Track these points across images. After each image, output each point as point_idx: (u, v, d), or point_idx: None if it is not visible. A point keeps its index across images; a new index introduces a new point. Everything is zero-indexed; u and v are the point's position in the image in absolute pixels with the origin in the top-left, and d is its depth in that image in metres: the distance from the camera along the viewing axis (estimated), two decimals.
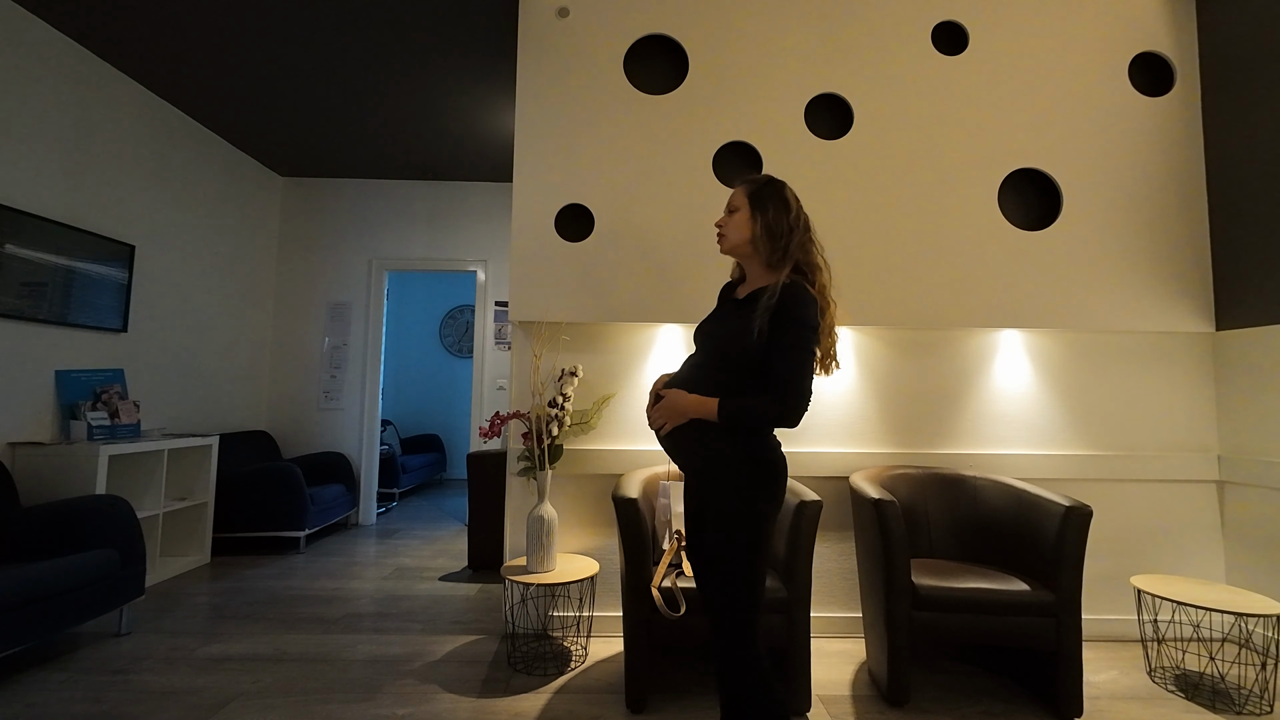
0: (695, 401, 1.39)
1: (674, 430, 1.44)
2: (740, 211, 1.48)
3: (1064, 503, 1.96)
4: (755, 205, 1.47)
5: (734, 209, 1.50)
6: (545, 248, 2.53)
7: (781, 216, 1.44)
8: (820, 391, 2.63)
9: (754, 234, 1.45)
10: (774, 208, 1.45)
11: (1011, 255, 2.56)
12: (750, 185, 1.51)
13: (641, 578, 1.90)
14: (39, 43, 2.83)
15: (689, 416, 1.40)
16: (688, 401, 1.40)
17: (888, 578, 1.93)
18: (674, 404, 1.42)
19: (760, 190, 1.48)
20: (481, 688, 2.06)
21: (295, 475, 3.76)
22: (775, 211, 1.45)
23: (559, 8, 2.60)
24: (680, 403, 1.41)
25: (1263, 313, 2.38)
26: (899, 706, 1.95)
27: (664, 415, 1.44)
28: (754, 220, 1.45)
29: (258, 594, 2.98)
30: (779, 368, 1.33)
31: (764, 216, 1.45)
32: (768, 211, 1.45)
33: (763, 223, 1.44)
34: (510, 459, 2.54)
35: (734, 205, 1.51)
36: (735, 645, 1.33)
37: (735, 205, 1.51)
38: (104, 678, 2.09)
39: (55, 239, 2.89)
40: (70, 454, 2.70)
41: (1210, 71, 2.62)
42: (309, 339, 4.67)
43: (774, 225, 1.44)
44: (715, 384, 1.40)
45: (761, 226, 1.44)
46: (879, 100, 2.61)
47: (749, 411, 1.35)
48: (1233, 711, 1.95)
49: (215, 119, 3.83)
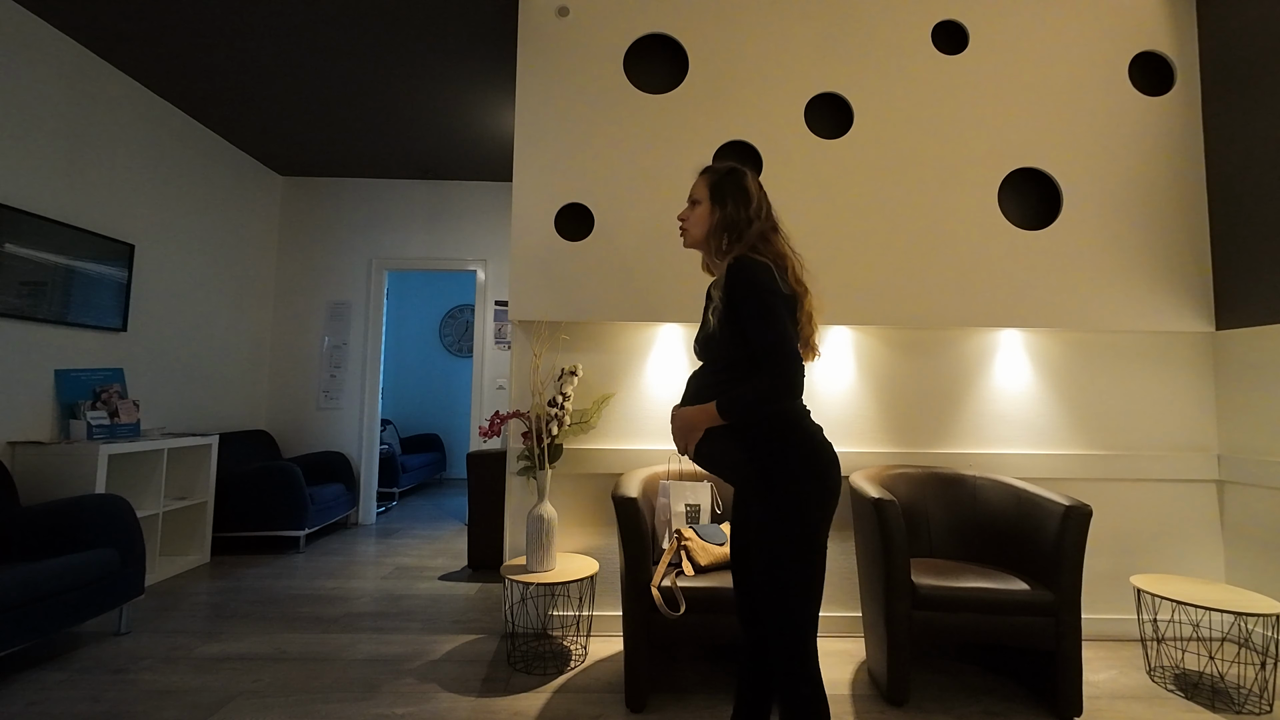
0: (696, 411, 1.34)
1: (700, 448, 1.37)
2: (702, 205, 1.44)
3: (1064, 502, 1.96)
4: (715, 198, 1.42)
5: (695, 201, 1.45)
6: (545, 247, 2.53)
7: (741, 208, 1.39)
8: (820, 391, 2.65)
9: (712, 228, 1.42)
10: (733, 200, 1.40)
11: (1011, 255, 2.56)
12: (711, 176, 1.45)
13: (641, 577, 1.90)
14: (39, 42, 2.82)
15: (700, 428, 1.34)
16: (691, 414, 1.35)
17: (887, 577, 1.93)
18: (682, 422, 1.37)
19: (721, 181, 1.43)
20: (481, 687, 2.06)
21: (295, 475, 3.76)
22: (734, 204, 1.40)
23: (559, 7, 2.60)
24: (685, 418, 1.36)
25: (1263, 312, 2.38)
26: (899, 706, 1.95)
27: (679, 436, 1.39)
28: (713, 214, 1.42)
29: (257, 593, 2.98)
30: (755, 341, 1.26)
31: (723, 210, 1.40)
32: (726, 204, 1.40)
33: (721, 215, 1.40)
34: (510, 458, 2.54)
35: (695, 197, 1.46)
36: (796, 660, 1.24)
37: (697, 197, 1.46)
38: (104, 677, 2.09)
39: (55, 238, 2.88)
40: (70, 453, 2.70)
41: (1211, 71, 2.61)
42: (309, 338, 4.67)
43: (732, 217, 1.39)
44: (717, 386, 1.34)
45: (720, 220, 1.40)
46: (879, 100, 2.61)
47: (745, 398, 1.27)
48: (1232, 711, 1.95)
49: (215, 118, 3.83)
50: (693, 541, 2.08)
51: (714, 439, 1.34)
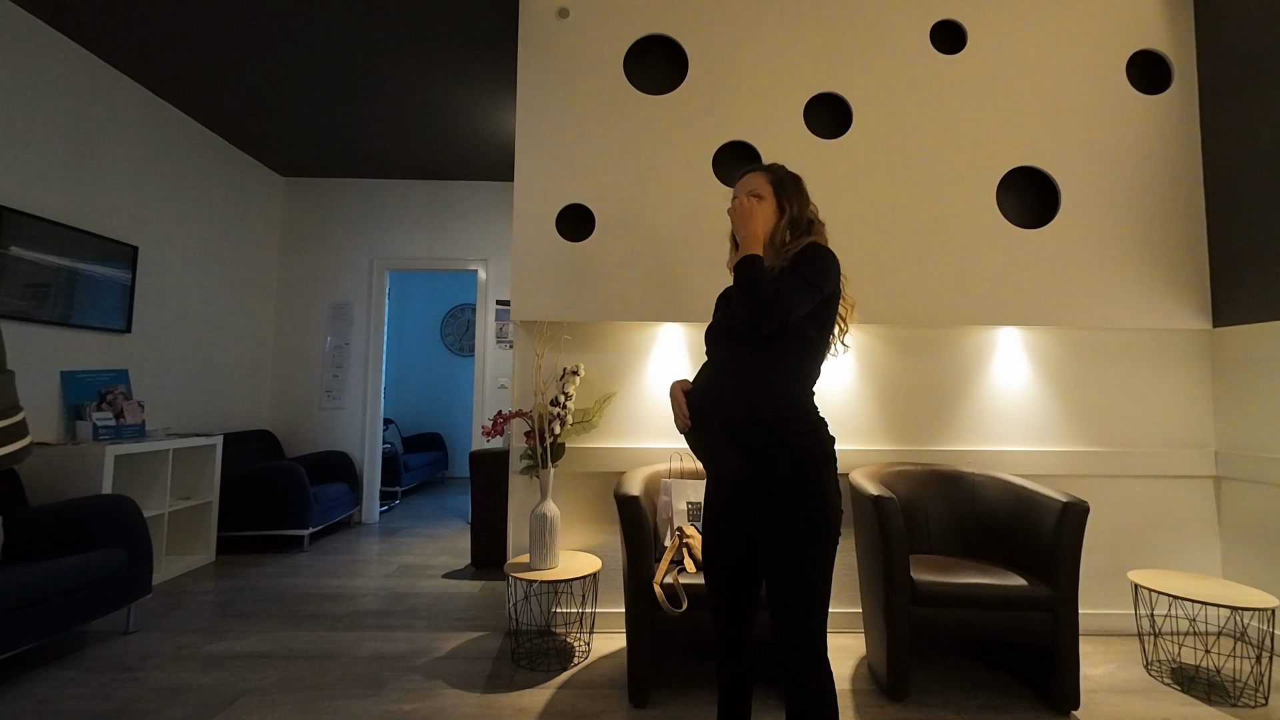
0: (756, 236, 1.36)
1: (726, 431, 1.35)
2: (766, 201, 1.44)
3: (1061, 499, 1.98)
4: (782, 196, 1.45)
5: (759, 195, 1.45)
6: (546, 247, 2.55)
7: (804, 209, 1.46)
8: (820, 388, 2.65)
9: (778, 226, 1.44)
10: (798, 202, 1.45)
11: (1010, 253, 2.58)
12: (773, 175, 1.48)
13: (644, 574, 1.92)
14: (41, 45, 2.84)
15: (760, 231, 1.37)
16: (756, 217, 1.38)
17: (887, 573, 1.95)
18: (744, 214, 1.38)
19: (784, 181, 1.47)
20: (486, 683, 2.09)
21: (298, 474, 3.78)
22: (800, 205, 1.45)
23: (559, 8, 2.61)
24: (754, 223, 1.38)
25: (1259, 309, 2.39)
26: (898, 700, 1.97)
27: (741, 220, 1.38)
28: (780, 212, 1.44)
29: (263, 592, 3.01)
30: (783, 284, 1.29)
31: (790, 209, 1.44)
32: (794, 204, 1.45)
33: (789, 216, 1.44)
34: (513, 457, 2.57)
35: (758, 192, 1.45)
36: (816, 660, 1.28)
37: (760, 193, 1.45)
38: (113, 675, 2.12)
39: (59, 241, 2.90)
40: (76, 454, 2.72)
41: (1208, 69, 2.63)
42: (311, 338, 4.69)
43: (797, 216, 1.44)
44: (749, 361, 1.35)
45: (788, 220, 1.44)
46: (878, 99, 2.62)
47: (758, 271, 1.29)
48: (1228, 704, 1.97)
49: (217, 120, 3.85)
50: (694, 539, 2.11)
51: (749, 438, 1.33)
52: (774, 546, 1.31)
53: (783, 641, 1.29)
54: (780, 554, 1.30)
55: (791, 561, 1.29)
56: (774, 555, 1.31)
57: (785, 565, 1.29)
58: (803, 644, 1.28)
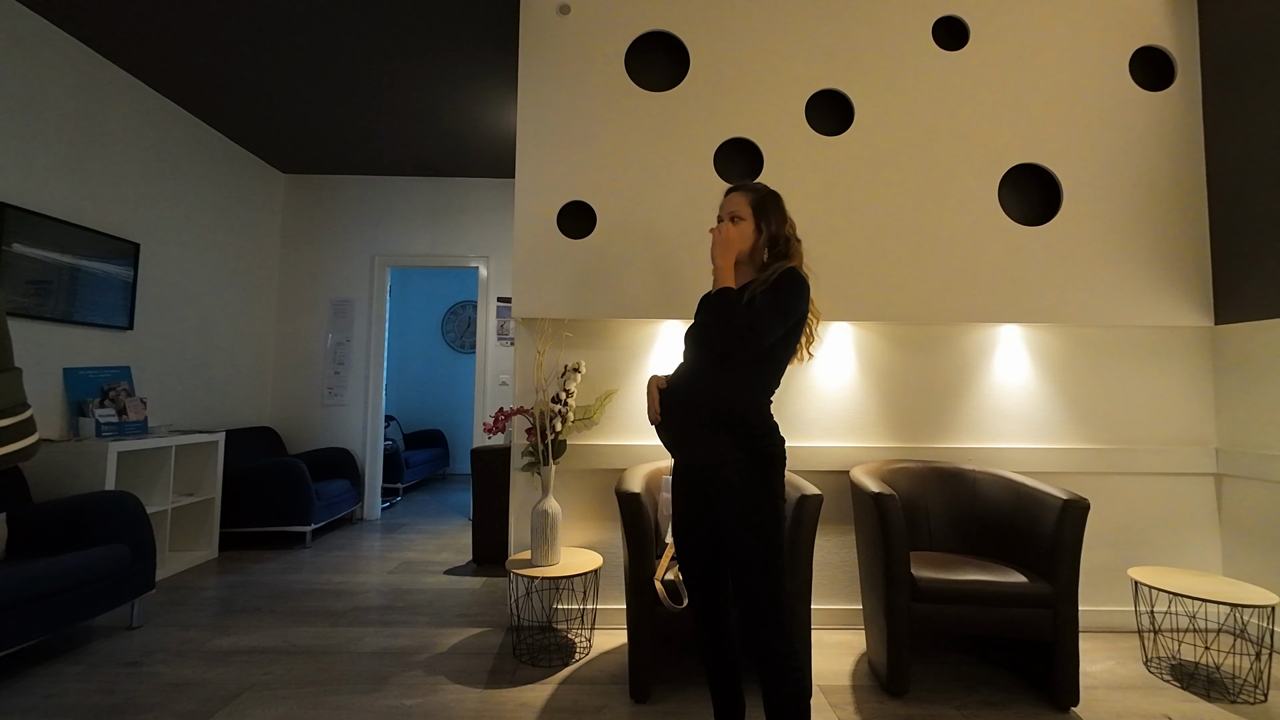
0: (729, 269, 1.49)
1: (691, 427, 1.48)
2: (746, 222, 1.53)
3: (1061, 496, 1.99)
4: (760, 216, 1.53)
5: (738, 217, 1.54)
6: (548, 244, 2.55)
7: (781, 227, 1.54)
8: (821, 387, 2.67)
9: (756, 245, 1.53)
10: (775, 219, 1.54)
11: (1011, 250, 2.58)
12: (752, 194, 1.56)
13: (644, 571, 1.93)
14: (43, 42, 2.84)
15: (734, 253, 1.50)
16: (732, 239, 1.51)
17: (887, 570, 1.96)
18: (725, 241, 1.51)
19: (764, 201, 1.55)
20: (488, 679, 2.10)
21: (300, 471, 3.79)
22: (777, 223, 1.53)
23: (560, 4, 2.61)
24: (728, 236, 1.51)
25: (1261, 307, 2.39)
26: (898, 696, 1.98)
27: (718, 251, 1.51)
28: (759, 232, 1.53)
29: (265, 588, 3.02)
30: (758, 315, 1.40)
31: (769, 228, 1.53)
32: (771, 223, 1.53)
33: (768, 234, 1.52)
34: (514, 454, 2.57)
35: (738, 214, 1.54)
36: (781, 637, 1.38)
37: (740, 214, 1.54)
38: (118, 669, 2.13)
39: (60, 238, 2.91)
40: (80, 451, 2.73)
41: (1211, 66, 2.62)
42: (312, 336, 4.70)
43: (776, 236, 1.53)
44: (718, 369, 1.45)
45: (766, 238, 1.52)
46: (880, 96, 2.61)
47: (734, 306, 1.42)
48: (1227, 700, 1.98)
49: (218, 117, 3.85)
50: None
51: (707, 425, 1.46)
52: (732, 532, 1.43)
53: (745, 618, 1.41)
54: (737, 540, 1.42)
55: (747, 545, 1.41)
56: (732, 541, 1.43)
57: (739, 553, 1.42)
58: (767, 617, 1.39)
